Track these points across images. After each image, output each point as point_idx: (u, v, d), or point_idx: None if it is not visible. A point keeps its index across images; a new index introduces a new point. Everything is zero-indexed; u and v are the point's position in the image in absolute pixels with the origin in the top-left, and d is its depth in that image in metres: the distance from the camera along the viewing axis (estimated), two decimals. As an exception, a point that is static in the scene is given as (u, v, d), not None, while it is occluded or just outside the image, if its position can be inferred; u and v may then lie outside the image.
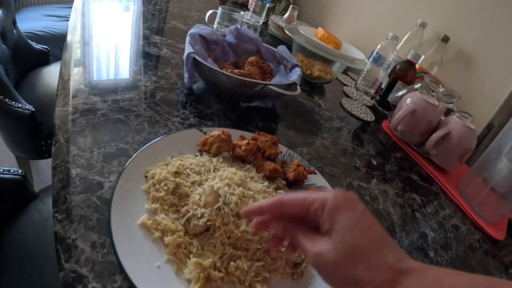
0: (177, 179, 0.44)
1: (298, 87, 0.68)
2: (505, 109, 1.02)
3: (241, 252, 0.39)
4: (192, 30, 0.75)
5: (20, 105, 0.89)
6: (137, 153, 0.47)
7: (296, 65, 0.76)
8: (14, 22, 1.19)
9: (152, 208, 0.41)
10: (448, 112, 0.96)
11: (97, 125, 0.52)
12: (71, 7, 0.95)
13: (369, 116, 0.94)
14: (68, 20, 0.87)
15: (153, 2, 1.20)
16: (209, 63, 0.67)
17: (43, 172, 1.44)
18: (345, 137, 0.80)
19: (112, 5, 1.10)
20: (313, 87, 0.99)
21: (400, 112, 0.83)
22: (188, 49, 0.67)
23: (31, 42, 1.23)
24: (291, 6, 1.24)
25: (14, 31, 1.16)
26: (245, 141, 0.54)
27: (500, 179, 0.74)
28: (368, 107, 1.01)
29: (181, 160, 0.48)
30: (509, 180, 0.71)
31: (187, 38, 0.71)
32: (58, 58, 1.20)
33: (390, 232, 0.57)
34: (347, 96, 1.03)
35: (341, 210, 0.28)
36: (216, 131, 0.53)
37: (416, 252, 0.56)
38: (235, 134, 0.56)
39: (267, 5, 1.28)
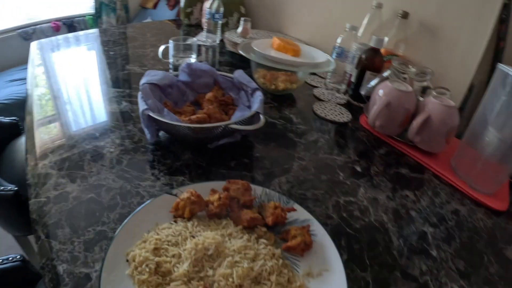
0: (157, 258, 0.43)
1: (261, 116, 0.65)
2: (483, 68, 0.99)
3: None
4: (142, 80, 0.72)
5: (2, 187, 0.87)
6: (113, 239, 0.45)
7: (257, 89, 0.74)
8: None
9: (140, 292, 0.40)
10: (425, 89, 0.93)
11: (71, 211, 0.52)
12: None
13: (345, 116, 0.91)
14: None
15: (105, 49, 1.17)
16: (166, 115, 0.65)
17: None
18: (324, 149, 0.77)
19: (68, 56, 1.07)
20: (281, 100, 0.96)
21: (374, 107, 0.80)
22: (141, 105, 0.65)
23: (-1, 117, 1.21)
24: (242, 19, 1.20)
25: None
26: (217, 196, 0.52)
27: (492, 150, 0.71)
28: (342, 105, 0.98)
29: (158, 234, 0.48)
30: (501, 148, 0.68)
31: (139, 93, 0.69)
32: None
33: (386, 243, 0.55)
34: (319, 99, 1.00)
35: None
36: (185, 193, 0.51)
37: (417, 256, 0.53)
38: (206, 188, 0.54)
39: (220, 22, 1.25)
